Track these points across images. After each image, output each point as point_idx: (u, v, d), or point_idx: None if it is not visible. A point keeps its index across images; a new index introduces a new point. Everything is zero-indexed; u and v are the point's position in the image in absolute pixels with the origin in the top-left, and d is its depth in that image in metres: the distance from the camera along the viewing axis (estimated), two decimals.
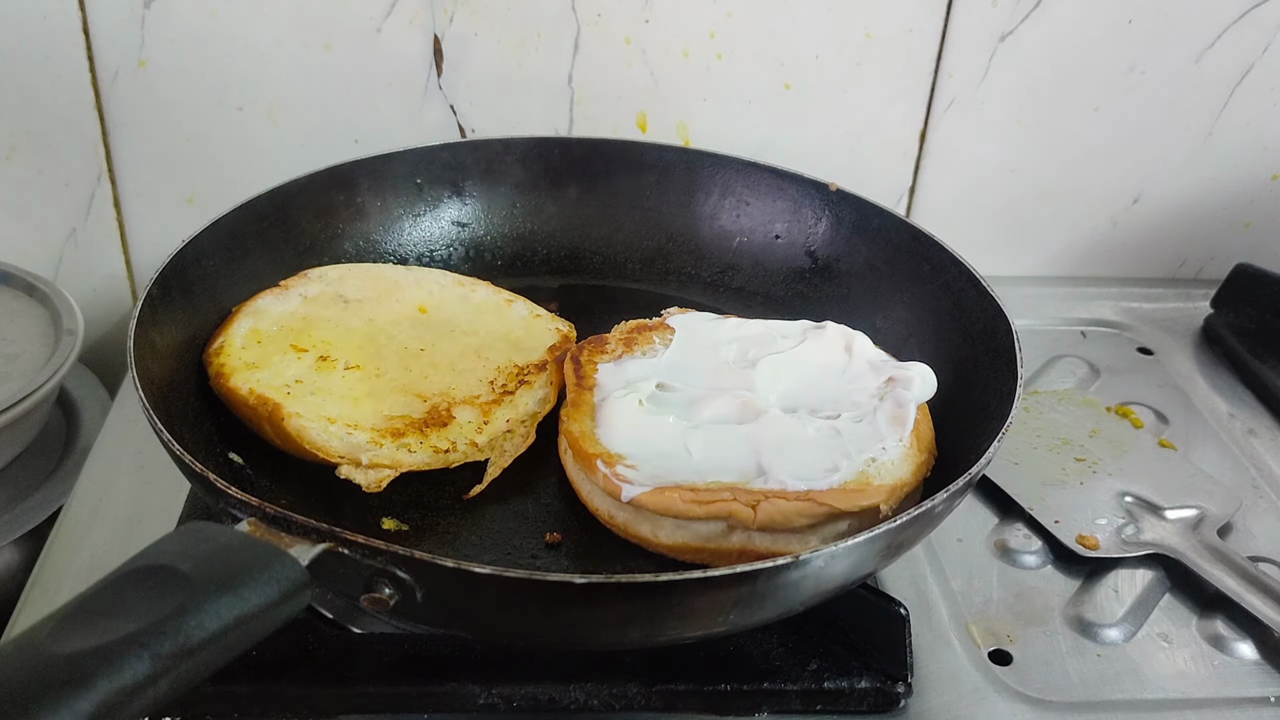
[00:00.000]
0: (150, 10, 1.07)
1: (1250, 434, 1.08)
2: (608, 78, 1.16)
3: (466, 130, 1.18)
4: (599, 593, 0.62)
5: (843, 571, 0.68)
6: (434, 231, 1.08)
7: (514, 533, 0.81)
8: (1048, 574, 0.90)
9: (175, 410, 0.81)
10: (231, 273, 0.93)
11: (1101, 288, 1.30)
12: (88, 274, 1.20)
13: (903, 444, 0.79)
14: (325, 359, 0.88)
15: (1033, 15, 1.15)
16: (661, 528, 0.76)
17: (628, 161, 1.11)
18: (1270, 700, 0.80)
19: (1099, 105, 1.21)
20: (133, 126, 1.13)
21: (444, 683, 0.75)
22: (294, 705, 0.74)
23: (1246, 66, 1.20)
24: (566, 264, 1.11)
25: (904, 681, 0.76)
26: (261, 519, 0.62)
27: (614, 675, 0.75)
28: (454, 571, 0.61)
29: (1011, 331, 0.84)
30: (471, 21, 1.12)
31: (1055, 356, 1.17)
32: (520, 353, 0.93)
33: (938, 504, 0.69)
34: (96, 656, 0.48)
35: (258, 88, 1.12)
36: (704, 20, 1.14)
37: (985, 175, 1.25)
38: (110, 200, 1.16)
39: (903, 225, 1.00)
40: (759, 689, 0.75)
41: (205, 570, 0.54)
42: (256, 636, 0.55)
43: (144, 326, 0.80)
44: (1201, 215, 1.29)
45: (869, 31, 1.15)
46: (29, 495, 1.01)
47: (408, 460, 0.81)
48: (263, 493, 0.81)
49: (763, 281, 1.08)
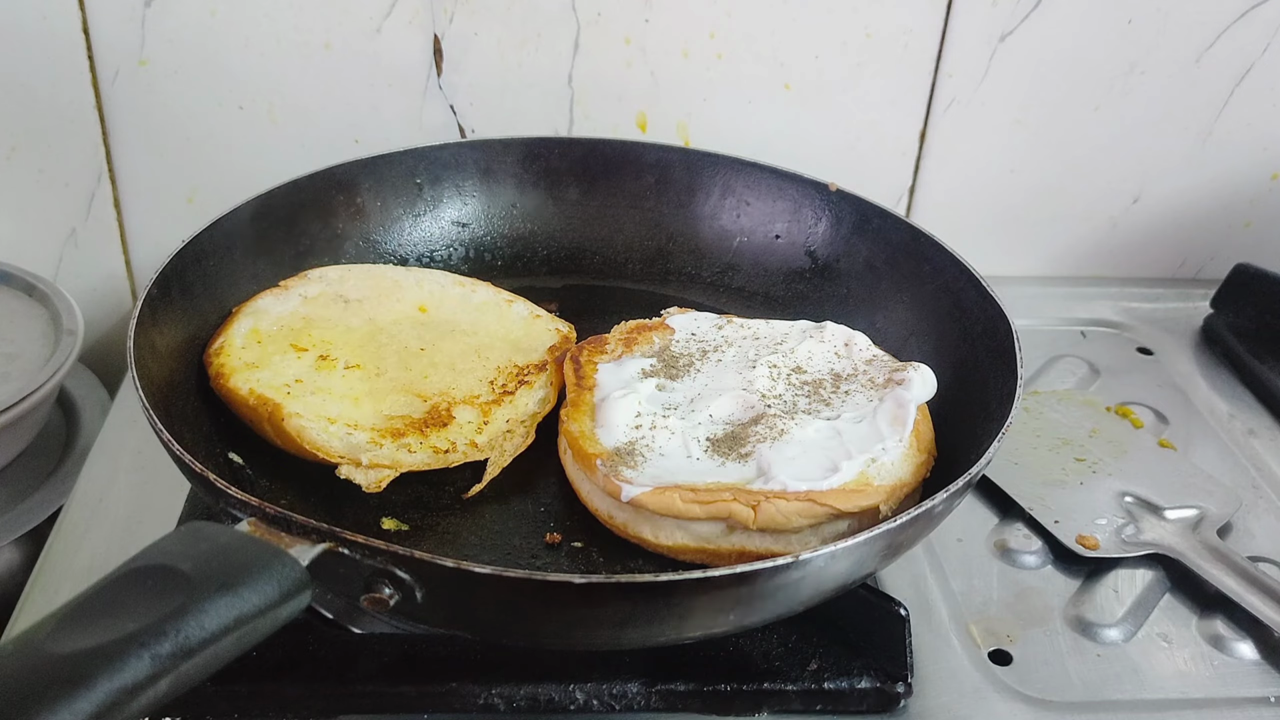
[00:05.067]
0: (150, 10, 1.07)
1: (1250, 434, 1.08)
2: (608, 78, 1.16)
3: (466, 130, 1.18)
4: (599, 593, 0.62)
5: (843, 572, 0.68)
6: (434, 232, 1.08)
7: (514, 533, 0.81)
8: (1048, 574, 0.90)
9: (175, 410, 0.81)
10: (231, 273, 0.93)
11: (1101, 288, 1.30)
12: (88, 274, 1.20)
13: (903, 444, 0.79)
14: (325, 359, 0.88)
15: (1033, 15, 1.15)
16: (661, 528, 0.76)
17: (628, 161, 1.11)
18: (1270, 700, 0.80)
19: (1099, 105, 1.21)
20: (133, 126, 1.13)
21: (444, 683, 0.75)
22: (294, 705, 0.74)
23: (1246, 66, 1.20)
24: (566, 264, 1.11)
25: (904, 681, 0.76)
26: (261, 519, 0.62)
27: (614, 675, 0.75)
28: (454, 571, 0.61)
29: (1011, 331, 0.84)
30: (471, 21, 1.12)
31: (1055, 356, 1.17)
32: (520, 353, 0.93)
33: (937, 504, 0.69)
34: (96, 656, 0.48)
35: (258, 87, 1.12)
36: (704, 20, 1.14)
37: (985, 175, 1.25)
38: (110, 200, 1.16)
39: (903, 225, 1.00)
40: (759, 689, 0.75)
41: (205, 570, 0.54)
42: (257, 637, 0.55)
43: (144, 326, 0.80)
44: (1201, 215, 1.29)
45: (869, 31, 1.15)
46: (29, 495, 1.01)
47: (408, 460, 0.81)
48: (263, 493, 0.82)
49: (763, 281, 1.08)
